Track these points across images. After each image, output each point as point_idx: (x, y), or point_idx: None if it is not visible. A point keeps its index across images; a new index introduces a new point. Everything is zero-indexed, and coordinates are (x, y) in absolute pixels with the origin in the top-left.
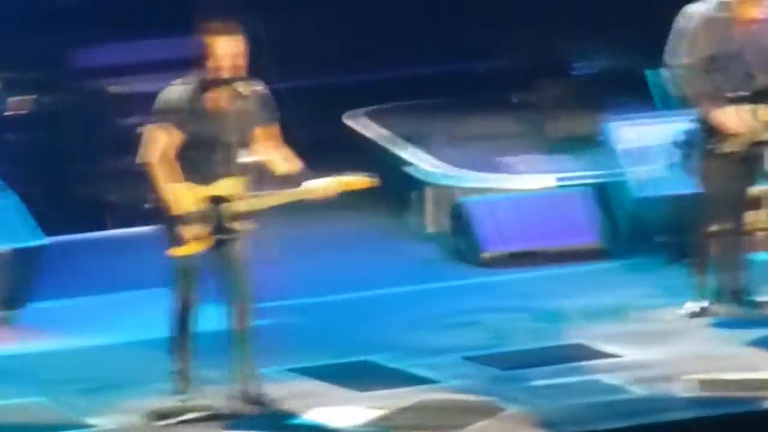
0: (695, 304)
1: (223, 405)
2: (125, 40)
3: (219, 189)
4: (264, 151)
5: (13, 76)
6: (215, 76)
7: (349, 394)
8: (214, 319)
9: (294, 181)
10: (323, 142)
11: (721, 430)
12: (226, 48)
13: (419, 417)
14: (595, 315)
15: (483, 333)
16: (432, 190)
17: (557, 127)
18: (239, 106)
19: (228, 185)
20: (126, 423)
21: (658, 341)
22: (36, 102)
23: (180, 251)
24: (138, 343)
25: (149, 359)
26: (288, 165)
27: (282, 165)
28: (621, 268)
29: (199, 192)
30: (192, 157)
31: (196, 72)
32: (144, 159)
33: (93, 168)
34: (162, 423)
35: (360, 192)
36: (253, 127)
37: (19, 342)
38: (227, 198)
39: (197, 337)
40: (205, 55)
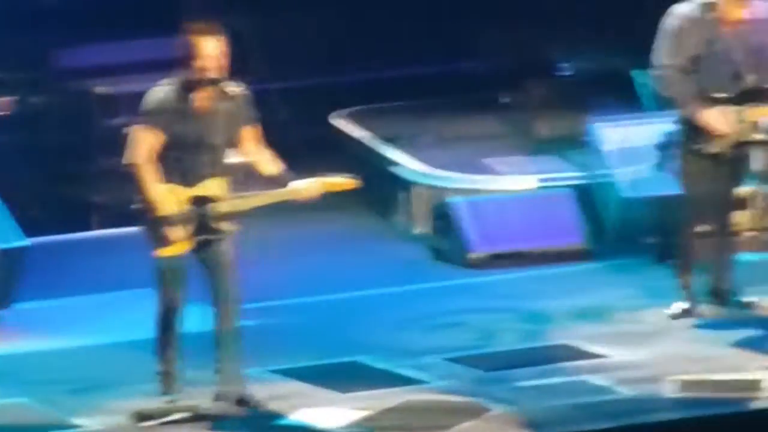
0: (680, 305)
1: (209, 406)
2: (110, 40)
3: (205, 190)
4: (249, 152)
5: None
6: (202, 76)
7: (334, 395)
8: (199, 320)
9: (279, 182)
10: (309, 142)
11: (707, 431)
12: (212, 48)
13: (404, 418)
14: (581, 316)
15: (468, 334)
16: (418, 190)
17: (543, 128)
18: (225, 106)
19: (214, 186)
20: (111, 424)
21: (643, 342)
22: (20, 102)
23: (166, 252)
24: (123, 344)
25: (134, 360)
26: (273, 166)
27: (268, 166)
28: (606, 269)
29: (186, 193)
30: (178, 158)
31: (181, 72)
32: (130, 160)
33: (78, 169)
34: (147, 424)
35: (346, 193)
36: (239, 128)
37: (4, 343)
38: (213, 199)
39: (183, 338)
40: (191, 56)
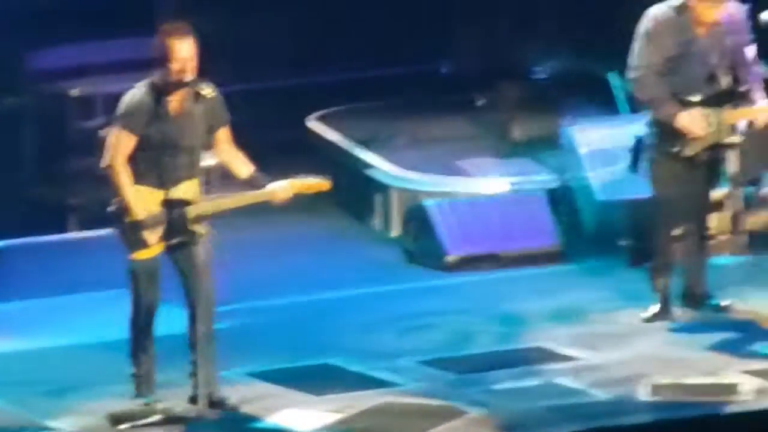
0: (654, 307)
1: (183, 408)
2: (84, 41)
3: (181, 192)
4: (223, 154)
5: None
6: (177, 78)
7: (308, 397)
8: (174, 322)
9: (252, 184)
10: (285, 144)
11: None
12: (186, 50)
13: (379, 420)
14: (555, 318)
15: (443, 336)
16: (394, 192)
17: (518, 130)
18: (200, 108)
19: (189, 188)
20: (85, 426)
21: (617, 344)
22: None
23: (141, 254)
24: (97, 346)
25: (108, 362)
26: (246, 168)
27: (241, 168)
28: (581, 271)
29: (161, 195)
30: (155, 160)
31: (157, 74)
32: (107, 162)
33: (52, 170)
34: (121, 427)
35: (320, 194)
36: (214, 130)
37: None
38: (189, 201)
39: (157, 340)
40: (165, 58)
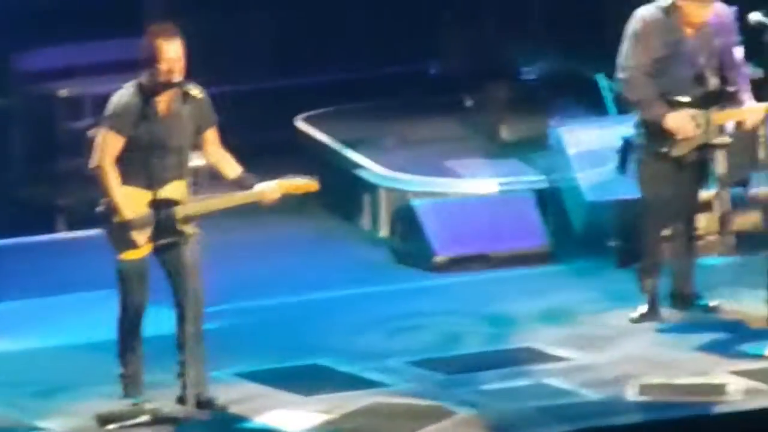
0: (642, 308)
1: (171, 409)
2: (72, 42)
3: (169, 192)
4: (212, 154)
5: None
6: (166, 79)
7: (297, 398)
8: (163, 323)
9: (241, 184)
10: (273, 145)
11: None
12: (174, 51)
13: (368, 421)
14: (544, 319)
15: (432, 337)
16: (382, 193)
17: (506, 131)
18: (188, 109)
19: (178, 188)
20: (74, 426)
21: (606, 345)
22: None
23: (129, 254)
24: (85, 346)
25: (97, 362)
26: (234, 168)
27: (230, 168)
28: (569, 272)
29: (150, 195)
30: (143, 161)
31: (145, 75)
32: (96, 163)
33: (41, 171)
34: (110, 427)
35: (309, 195)
36: (202, 130)
37: None
38: (177, 201)
39: (145, 341)
40: (153, 59)
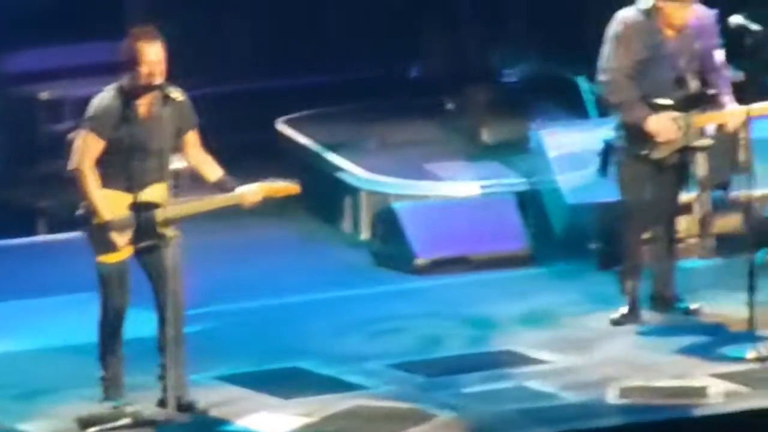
0: (623, 310)
1: (152, 412)
2: (54, 45)
3: (150, 195)
4: (193, 157)
5: None
6: (147, 82)
7: (277, 401)
8: (143, 325)
9: (222, 187)
10: (255, 147)
11: None
12: (155, 54)
13: (348, 424)
14: (525, 321)
15: (412, 339)
16: (363, 196)
17: (489, 134)
18: (169, 111)
19: (159, 191)
20: (55, 429)
21: (587, 348)
22: None
23: (110, 257)
24: (66, 349)
25: (77, 365)
26: (215, 171)
27: (211, 171)
28: (550, 274)
29: (130, 198)
30: (124, 164)
31: (126, 78)
32: (74, 165)
33: (21, 174)
34: (91, 430)
35: (290, 198)
36: (183, 133)
37: None
38: (158, 204)
39: (126, 343)
40: (134, 61)
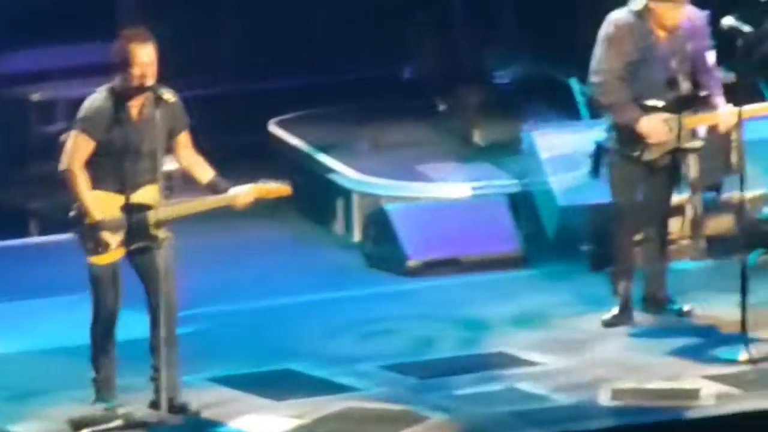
0: (615, 312)
1: (144, 413)
2: (46, 46)
3: (142, 196)
4: (185, 158)
5: None
6: (139, 83)
7: (269, 403)
8: (136, 327)
9: (213, 189)
10: (247, 149)
11: None
12: (147, 55)
13: (340, 426)
14: (516, 323)
15: (404, 341)
16: (355, 197)
17: (480, 135)
18: (161, 113)
19: (151, 192)
20: (48, 431)
21: (579, 349)
22: None
23: (102, 259)
24: (58, 350)
25: (69, 366)
26: (207, 172)
27: (203, 172)
28: (542, 276)
29: (123, 199)
30: (116, 165)
31: (118, 79)
32: (65, 166)
33: (13, 175)
34: None
35: (282, 199)
36: (175, 134)
37: None
38: (151, 205)
39: (118, 345)
40: (126, 63)
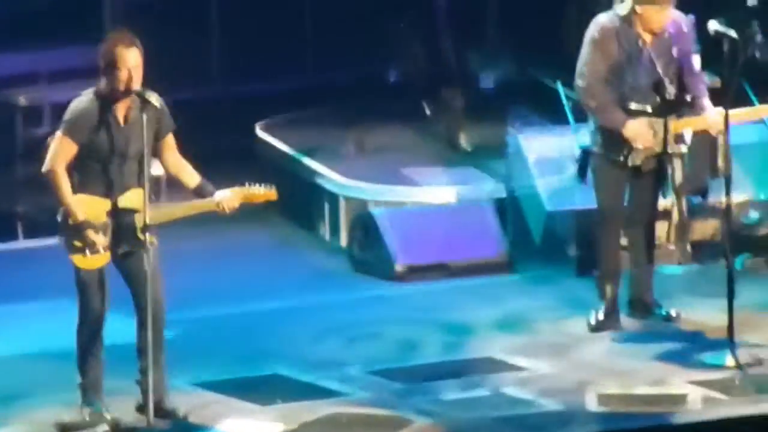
0: (601, 316)
1: (131, 418)
2: (32, 50)
3: (129, 200)
4: (170, 162)
5: None
6: (125, 86)
7: (255, 407)
8: (122, 331)
9: (199, 192)
10: (232, 152)
11: None
12: (133, 59)
13: (326, 430)
14: (503, 327)
15: (390, 346)
16: (341, 201)
17: (467, 139)
18: (147, 116)
19: (138, 196)
20: None
21: (565, 354)
22: None
23: (89, 263)
24: (45, 354)
25: (56, 370)
26: (193, 176)
27: (189, 176)
28: (528, 280)
29: (109, 203)
30: (102, 169)
31: (104, 82)
32: (47, 167)
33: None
34: None
35: (268, 203)
36: (161, 138)
37: None
38: (137, 209)
39: (105, 349)
40: (112, 66)
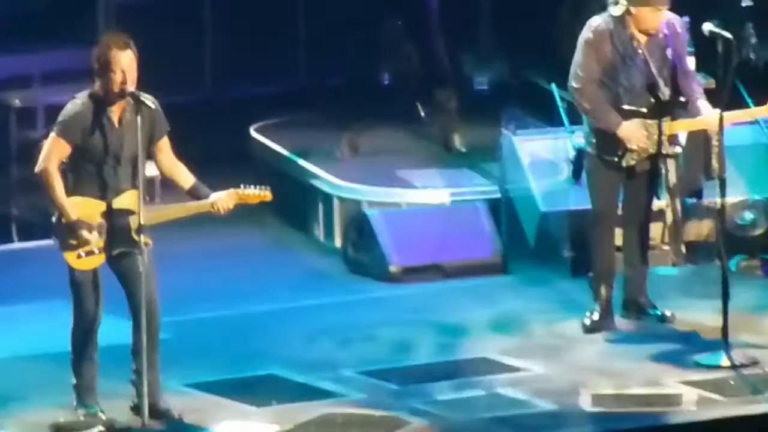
0: (595, 317)
1: (126, 419)
2: (26, 52)
3: (124, 202)
4: (165, 164)
5: None
6: (120, 88)
7: (250, 408)
8: (117, 332)
9: (194, 194)
10: (227, 154)
11: None
12: (128, 61)
13: (321, 431)
14: (497, 328)
15: (385, 347)
16: (336, 203)
17: (461, 140)
18: (142, 118)
19: (133, 198)
20: None
21: (560, 355)
22: None
23: (83, 263)
24: (39, 356)
25: (50, 372)
26: (188, 178)
27: (183, 178)
28: (523, 281)
29: (104, 205)
30: (97, 171)
31: (98, 85)
32: (40, 168)
33: None
34: None
35: (263, 205)
36: (155, 140)
37: None
38: (132, 211)
39: (101, 350)
40: (106, 68)
